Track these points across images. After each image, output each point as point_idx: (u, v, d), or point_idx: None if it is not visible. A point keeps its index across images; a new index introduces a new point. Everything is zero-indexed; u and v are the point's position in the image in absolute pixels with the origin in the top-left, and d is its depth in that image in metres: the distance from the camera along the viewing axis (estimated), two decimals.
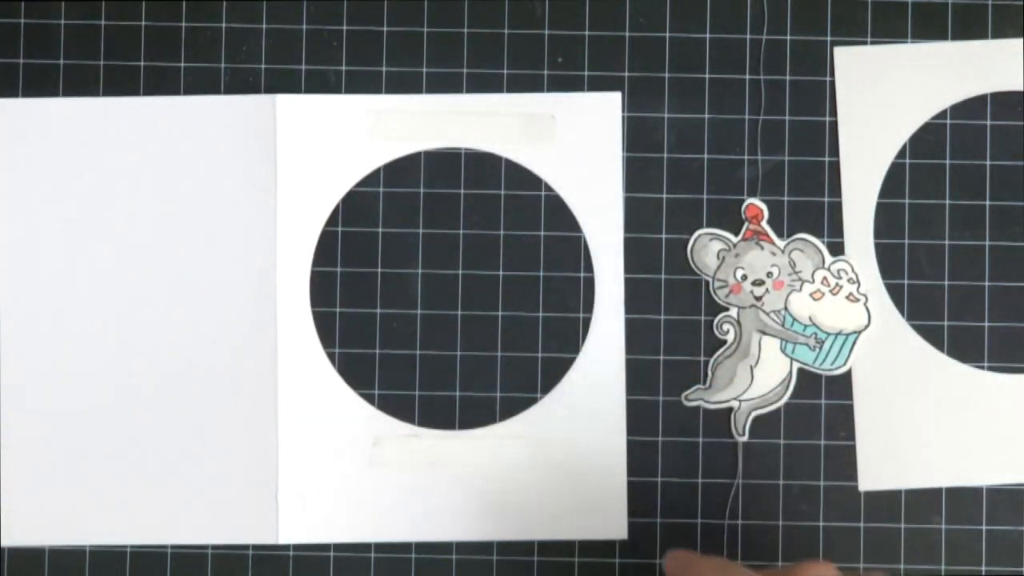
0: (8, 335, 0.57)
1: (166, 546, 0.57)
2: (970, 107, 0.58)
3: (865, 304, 0.55)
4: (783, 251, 0.55)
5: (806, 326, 0.55)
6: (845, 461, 0.57)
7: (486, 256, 0.57)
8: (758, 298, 0.55)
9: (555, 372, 0.57)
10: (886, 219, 0.57)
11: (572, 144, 0.57)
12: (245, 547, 0.57)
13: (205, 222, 0.57)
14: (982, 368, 0.57)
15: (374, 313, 0.57)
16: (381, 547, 0.57)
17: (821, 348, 0.55)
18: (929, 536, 0.56)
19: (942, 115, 0.58)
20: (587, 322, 0.57)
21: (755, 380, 0.56)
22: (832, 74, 0.58)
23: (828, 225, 0.57)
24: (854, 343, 0.55)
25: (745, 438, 0.55)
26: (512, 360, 0.57)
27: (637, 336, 0.57)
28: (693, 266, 0.55)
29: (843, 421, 0.57)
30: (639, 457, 0.57)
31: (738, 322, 0.55)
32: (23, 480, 0.56)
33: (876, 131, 0.57)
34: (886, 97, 0.58)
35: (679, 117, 0.58)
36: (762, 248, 0.55)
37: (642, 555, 0.56)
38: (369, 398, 0.57)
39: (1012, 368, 0.57)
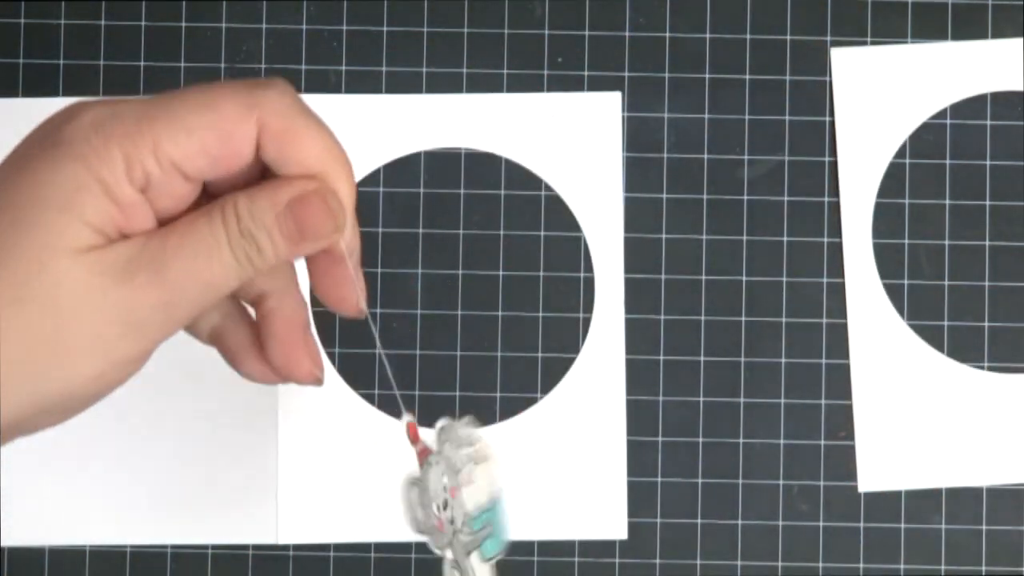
0: None
1: (166, 546, 0.57)
2: (970, 107, 0.58)
3: (491, 459, 0.42)
4: (439, 452, 0.41)
5: (477, 517, 0.41)
6: (845, 461, 0.57)
7: (486, 256, 0.57)
8: (452, 522, 0.40)
9: (555, 372, 0.57)
10: (885, 219, 0.57)
11: (572, 144, 0.57)
12: (245, 547, 0.57)
13: None
14: (982, 368, 0.57)
15: (374, 313, 0.57)
16: (381, 547, 0.57)
17: (493, 533, 0.42)
18: (929, 536, 0.56)
19: (941, 115, 0.58)
20: (587, 322, 0.57)
21: None
22: (831, 74, 0.58)
23: (827, 225, 0.57)
24: (502, 507, 0.42)
25: None
26: (512, 360, 0.57)
27: (637, 336, 0.57)
28: (410, 526, 0.41)
29: (843, 421, 0.57)
30: (639, 457, 0.57)
31: (456, 564, 0.41)
32: (23, 480, 0.56)
33: (875, 131, 0.57)
34: (885, 97, 0.58)
35: (679, 117, 0.58)
36: (431, 465, 0.41)
37: (642, 555, 0.56)
38: (369, 398, 0.57)
39: (1012, 368, 0.57)
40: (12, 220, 0.33)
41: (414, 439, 0.40)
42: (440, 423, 0.41)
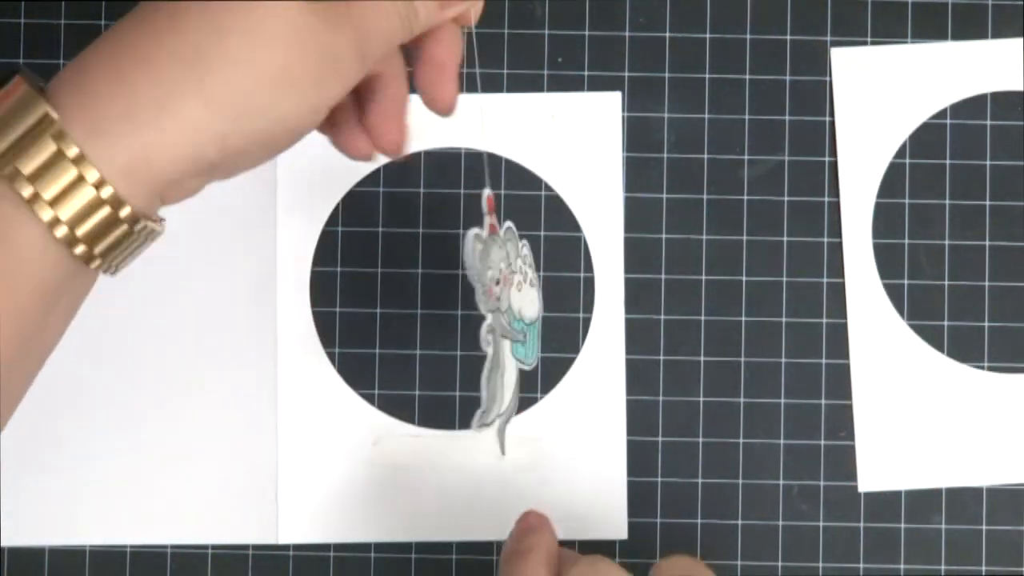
0: None
1: (166, 546, 0.57)
2: (970, 107, 0.58)
3: (539, 289, 0.49)
4: (505, 241, 0.47)
5: (517, 320, 0.48)
6: (845, 461, 0.57)
7: None
8: (499, 299, 0.47)
9: (555, 372, 0.57)
10: (885, 219, 0.57)
11: (572, 144, 0.57)
12: (245, 547, 0.57)
13: (205, 222, 0.57)
14: (982, 368, 0.57)
15: (374, 313, 0.57)
16: (381, 547, 0.57)
17: (526, 342, 0.48)
18: (929, 536, 0.56)
19: (941, 115, 0.58)
20: (587, 322, 0.57)
21: (505, 391, 0.48)
22: (831, 74, 0.58)
23: (827, 225, 0.57)
24: (538, 332, 0.49)
25: (506, 456, 0.52)
26: None
27: (637, 336, 0.57)
28: (467, 272, 0.46)
29: (843, 421, 0.57)
30: (639, 457, 0.57)
31: (493, 330, 0.47)
32: (23, 480, 0.56)
33: (875, 131, 0.57)
34: (885, 97, 0.58)
35: (679, 117, 0.58)
36: (496, 242, 0.47)
37: (642, 555, 0.56)
38: (369, 398, 0.57)
39: (1012, 368, 0.57)
40: None
41: (490, 210, 0.46)
42: (509, 224, 0.47)
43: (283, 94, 0.39)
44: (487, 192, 0.47)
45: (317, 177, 0.57)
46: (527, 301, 0.48)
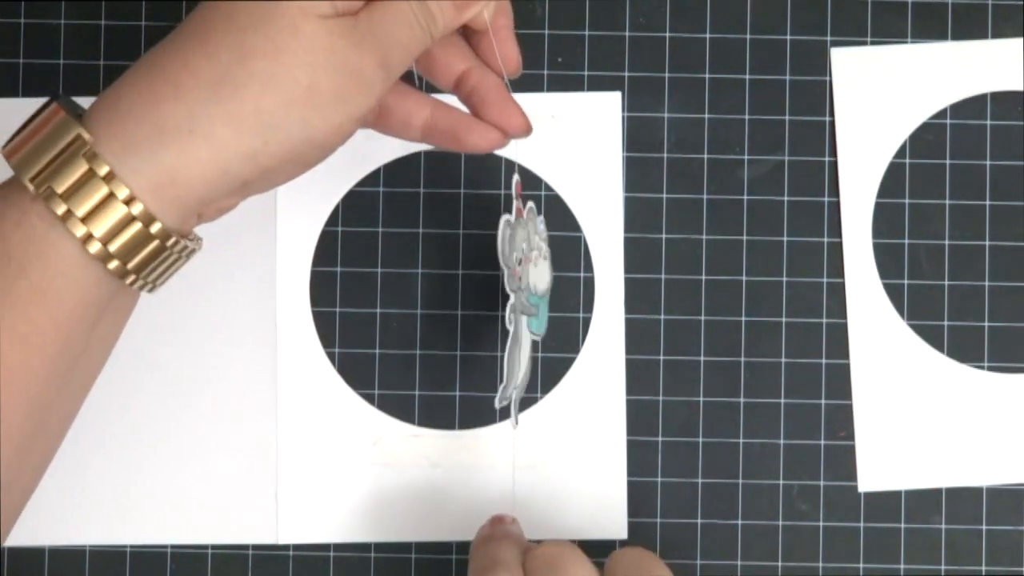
0: None
1: (166, 546, 0.57)
2: (970, 107, 0.58)
3: (550, 260, 0.52)
4: (528, 222, 0.50)
5: (531, 295, 0.50)
6: (845, 461, 0.57)
7: (486, 256, 0.57)
8: (520, 279, 0.49)
9: (555, 372, 0.57)
10: (885, 219, 0.57)
11: (572, 144, 0.57)
12: (245, 547, 0.57)
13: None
14: (982, 368, 0.57)
15: (374, 313, 0.57)
16: (381, 547, 0.57)
17: (538, 314, 0.51)
18: (929, 536, 0.56)
19: (941, 115, 0.58)
20: (587, 322, 0.57)
21: (522, 364, 0.51)
22: (831, 74, 0.58)
23: (827, 225, 0.57)
24: (546, 302, 0.52)
25: (518, 426, 0.54)
26: None
27: (637, 336, 0.57)
28: (501, 259, 0.48)
29: (843, 421, 0.57)
30: (639, 457, 0.57)
31: (515, 308, 0.49)
32: None
33: (875, 131, 0.57)
34: (885, 97, 0.58)
35: (679, 117, 0.58)
36: (522, 223, 0.50)
37: None
38: (369, 398, 0.57)
39: (1012, 368, 0.57)
40: None
41: (518, 194, 0.49)
42: (531, 204, 0.50)
43: (309, 112, 0.40)
44: (516, 178, 0.49)
45: (317, 177, 0.57)
46: (540, 275, 0.51)
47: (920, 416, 0.57)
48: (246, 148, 0.40)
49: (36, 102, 0.42)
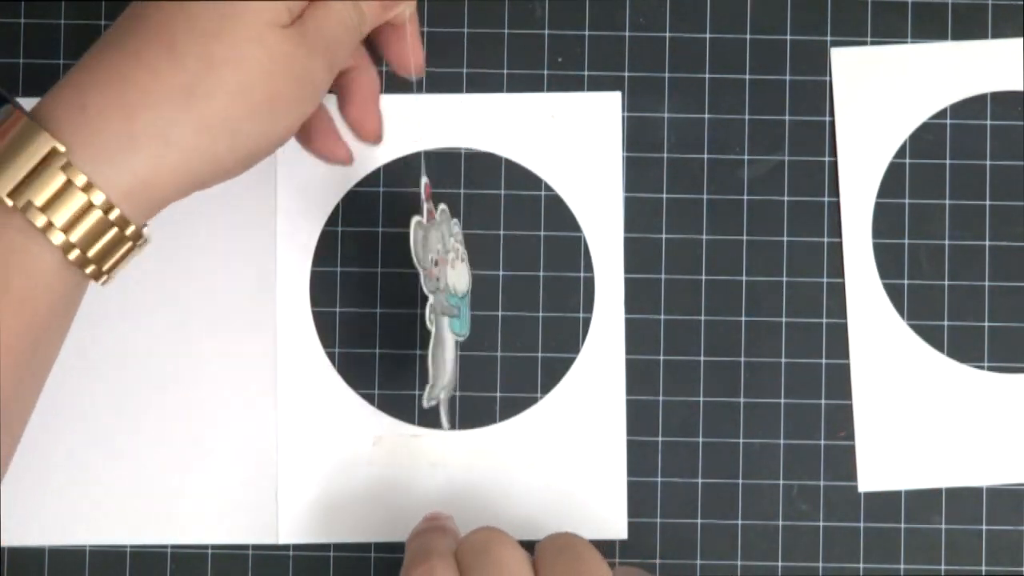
0: None
1: (166, 546, 0.57)
2: (970, 107, 0.58)
3: (467, 262, 0.53)
4: (440, 223, 0.52)
5: (452, 296, 0.52)
6: (845, 461, 0.57)
7: (486, 256, 0.57)
8: (438, 279, 0.51)
9: (555, 372, 0.57)
10: (885, 219, 0.57)
11: (572, 144, 0.57)
12: (245, 547, 0.57)
13: (204, 222, 0.57)
14: (982, 368, 0.57)
15: (374, 313, 0.57)
16: (381, 547, 0.57)
17: (459, 316, 0.52)
18: (929, 536, 0.56)
19: (941, 115, 0.58)
20: (587, 322, 0.57)
21: (447, 365, 0.51)
22: (831, 74, 0.58)
23: (827, 225, 0.57)
24: (468, 304, 0.53)
25: (451, 427, 0.54)
26: (512, 360, 0.57)
27: (637, 336, 0.57)
28: (416, 260, 0.49)
29: (843, 421, 0.57)
30: (639, 457, 0.57)
31: (434, 309, 0.50)
32: (23, 480, 0.56)
33: (875, 131, 0.57)
34: (885, 97, 0.58)
35: (679, 117, 0.58)
36: (435, 225, 0.51)
37: (642, 555, 0.56)
38: (369, 398, 0.57)
39: (1012, 368, 0.57)
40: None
41: (427, 197, 0.51)
42: (443, 206, 0.51)
43: (270, 116, 0.43)
44: (425, 180, 0.51)
45: (317, 177, 0.57)
46: (459, 276, 0.52)
47: (920, 416, 0.57)
48: (213, 153, 0.42)
49: (36, 102, 0.42)
